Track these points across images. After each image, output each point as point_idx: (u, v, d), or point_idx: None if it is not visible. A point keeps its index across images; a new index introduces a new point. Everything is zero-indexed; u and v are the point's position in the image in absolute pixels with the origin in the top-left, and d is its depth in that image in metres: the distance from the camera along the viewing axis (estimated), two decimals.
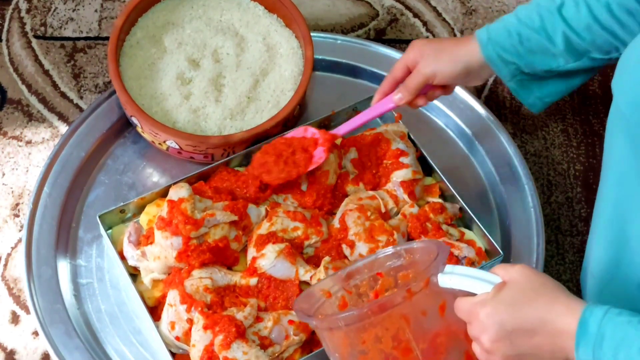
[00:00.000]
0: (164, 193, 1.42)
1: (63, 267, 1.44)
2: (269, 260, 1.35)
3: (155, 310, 1.36)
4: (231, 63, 1.55)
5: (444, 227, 1.42)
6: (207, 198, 1.39)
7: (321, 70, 1.64)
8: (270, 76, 1.55)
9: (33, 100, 1.66)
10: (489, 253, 1.42)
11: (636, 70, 1.05)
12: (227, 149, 1.48)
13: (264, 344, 1.29)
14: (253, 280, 1.35)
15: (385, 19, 1.78)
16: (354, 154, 1.47)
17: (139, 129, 1.51)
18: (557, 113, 1.69)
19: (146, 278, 1.38)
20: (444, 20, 1.78)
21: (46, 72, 1.69)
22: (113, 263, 1.44)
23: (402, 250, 1.22)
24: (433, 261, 1.11)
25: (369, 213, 1.40)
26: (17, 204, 1.55)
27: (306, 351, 1.33)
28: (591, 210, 1.58)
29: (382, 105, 1.42)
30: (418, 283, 1.10)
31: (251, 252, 1.38)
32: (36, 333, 1.44)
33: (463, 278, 1.09)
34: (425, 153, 1.49)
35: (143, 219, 1.42)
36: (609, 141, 1.17)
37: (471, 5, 1.80)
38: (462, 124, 1.59)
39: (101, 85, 1.68)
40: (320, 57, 1.62)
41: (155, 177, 1.53)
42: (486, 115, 1.58)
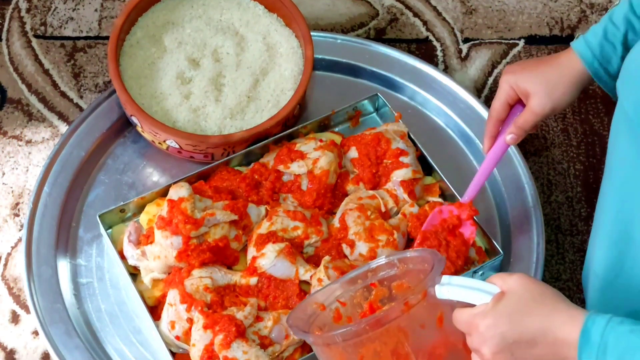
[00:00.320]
0: (164, 192, 1.42)
1: (63, 267, 1.44)
2: (269, 259, 1.35)
3: (155, 309, 1.36)
4: (231, 62, 1.55)
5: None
6: (207, 197, 1.39)
7: (321, 69, 1.64)
8: (270, 75, 1.55)
9: (33, 99, 1.66)
10: (489, 252, 1.42)
11: None
12: (227, 149, 1.48)
13: (264, 344, 1.29)
14: (253, 279, 1.35)
15: (385, 19, 1.78)
16: (354, 154, 1.47)
17: (139, 129, 1.51)
18: (557, 112, 1.69)
19: (146, 277, 1.38)
20: (444, 19, 1.78)
21: (46, 72, 1.69)
22: (113, 262, 1.44)
23: (396, 259, 1.20)
24: (429, 272, 1.09)
25: (369, 212, 1.40)
26: (17, 204, 1.55)
27: (306, 350, 1.33)
28: (591, 209, 1.58)
29: (497, 150, 1.35)
30: (416, 296, 1.08)
31: (251, 252, 1.38)
32: (36, 332, 1.44)
33: (461, 289, 1.08)
34: (425, 152, 1.49)
35: (143, 219, 1.42)
36: (613, 142, 1.16)
37: (471, 4, 1.80)
38: (462, 124, 1.59)
39: (101, 84, 1.68)
40: (320, 57, 1.62)
41: (155, 177, 1.53)
42: (486, 114, 1.58)
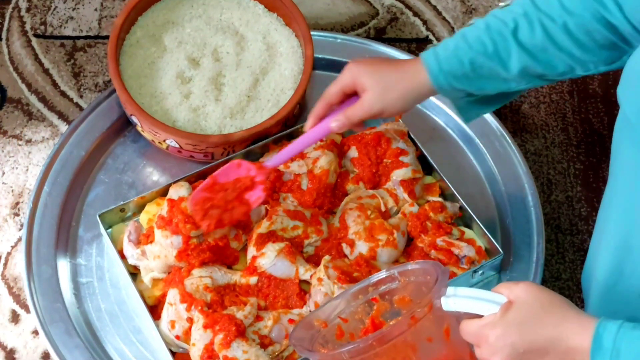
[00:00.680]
0: (164, 192, 1.42)
1: (63, 266, 1.44)
2: (269, 259, 1.35)
3: (155, 309, 1.36)
4: (231, 62, 1.55)
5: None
6: None
7: (321, 69, 1.64)
8: (270, 75, 1.55)
9: (33, 99, 1.66)
10: (489, 252, 1.42)
11: None
12: (227, 148, 1.48)
13: (264, 343, 1.29)
14: (253, 279, 1.35)
15: (385, 18, 1.78)
16: (354, 153, 1.47)
17: (139, 128, 1.51)
18: (557, 112, 1.69)
19: (146, 277, 1.38)
20: (444, 19, 1.78)
21: (46, 71, 1.69)
22: (113, 262, 1.44)
23: (396, 272, 1.19)
24: (435, 285, 1.08)
25: (369, 212, 1.40)
26: (17, 203, 1.55)
27: None
28: (591, 209, 1.58)
29: (318, 130, 1.32)
30: (422, 309, 1.07)
31: (251, 251, 1.38)
32: (36, 332, 1.44)
33: (467, 300, 1.07)
34: (425, 152, 1.49)
35: (143, 218, 1.42)
36: (616, 148, 1.16)
37: (471, 4, 1.80)
38: (462, 123, 1.58)
39: (101, 84, 1.68)
40: (320, 56, 1.62)
41: (155, 176, 1.53)
42: (486, 114, 1.58)
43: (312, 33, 1.57)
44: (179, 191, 1.37)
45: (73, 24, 1.74)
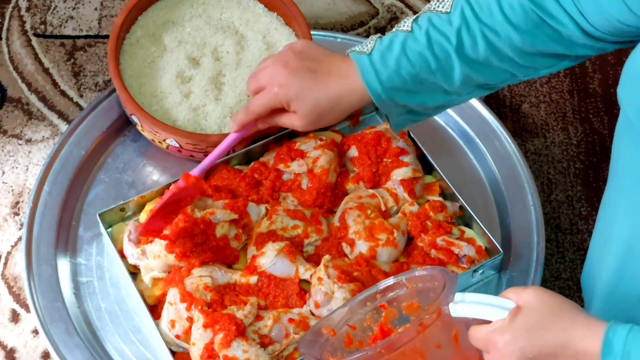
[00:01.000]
0: (164, 191, 1.42)
1: (63, 266, 1.44)
2: (269, 258, 1.35)
3: (155, 308, 1.36)
4: (231, 61, 1.55)
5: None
6: (207, 196, 1.39)
7: None
8: None
9: (33, 98, 1.66)
10: (489, 251, 1.42)
11: None
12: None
13: (264, 343, 1.29)
14: (253, 278, 1.35)
15: (385, 17, 1.78)
16: (354, 152, 1.47)
17: (139, 128, 1.51)
18: (557, 111, 1.69)
19: (146, 276, 1.38)
20: None
21: (46, 71, 1.69)
22: (113, 261, 1.44)
23: (404, 279, 1.19)
24: (442, 291, 1.08)
25: (369, 211, 1.40)
26: (17, 203, 1.55)
27: None
28: (591, 208, 1.58)
29: (244, 133, 1.38)
30: (430, 316, 1.07)
31: (251, 251, 1.38)
32: (36, 331, 1.44)
33: (476, 305, 1.06)
34: (425, 151, 1.49)
35: (143, 218, 1.42)
36: (617, 149, 1.16)
37: None
38: (462, 123, 1.58)
39: (101, 83, 1.68)
40: None
41: (155, 176, 1.53)
42: (486, 113, 1.58)
43: (312, 32, 1.57)
44: None
45: (73, 24, 1.74)
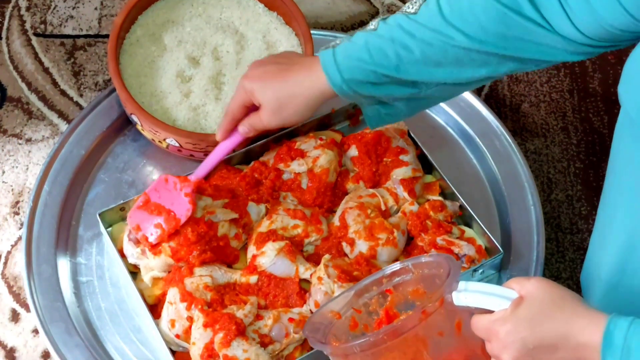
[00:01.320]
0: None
1: (63, 265, 1.44)
2: (269, 258, 1.35)
3: (155, 308, 1.36)
4: (231, 61, 1.55)
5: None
6: (207, 196, 1.39)
7: None
8: None
9: (33, 98, 1.66)
10: (489, 251, 1.42)
11: None
12: None
13: (264, 342, 1.29)
14: (253, 278, 1.35)
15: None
16: (354, 152, 1.47)
17: (139, 127, 1.51)
18: (557, 111, 1.69)
19: (146, 276, 1.38)
20: None
21: (46, 70, 1.69)
22: (113, 261, 1.44)
23: (410, 264, 1.19)
24: (446, 279, 1.09)
25: (369, 211, 1.40)
26: (17, 202, 1.55)
27: (306, 349, 1.33)
28: (591, 208, 1.59)
29: (231, 140, 1.40)
30: (433, 303, 1.07)
31: (251, 250, 1.38)
32: (36, 331, 1.44)
33: (479, 295, 1.07)
34: (425, 151, 1.49)
35: None
36: (617, 146, 1.16)
37: None
38: (462, 122, 1.58)
39: (101, 83, 1.68)
40: None
41: (155, 175, 1.53)
42: (486, 113, 1.58)
43: (312, 32, 1.57)
44: None
45: (73, 23, 1.74)
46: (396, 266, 1.20)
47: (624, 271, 1.15)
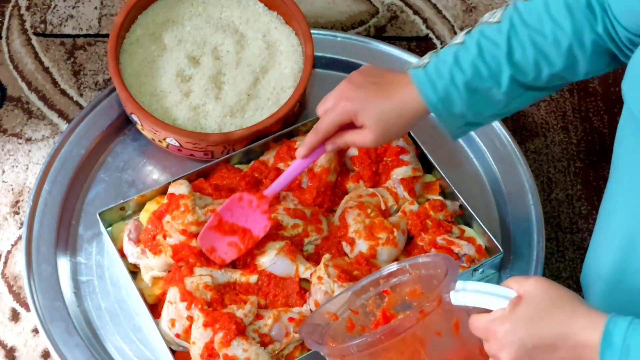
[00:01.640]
0: (164, 190, 1.42)
1: (63, 265, 1.44)
2: (269, 257, 1.35)
3: (155, 307, 1.36)
4: (231, 60, 1.55)
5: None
6: (207, 195, 1.39)
7: (321, 67, 1.64)
8: (270, 73, 1.55)
9: (33, 97, 1.66)
10: (489, 250, 1.42)
11: None
12: (227, 147, 1.48)
13: (264, 342, 1.29)
14: (253, 277, 1.35)
15: (385, 16, 1.78)
16: (354, 151, 1.47)
17: (139, 127, 1.51)
18: (557, 110, 1.69)
19: (146, 275, 1.38)
20: (444, 17, 1.78)
21: (46, 70, 1.69)
22: (113, 260, 1.44)
23: (407, 265, 1.19)
24: (444, 279, 1.08)
25: (369, 210, 1.40)
26: (17, 202, 1.55)
27: (306, 349, 1.33)
28: (591, 207, 1.58)
29: (312, 157, 1.34)
30: (431, 303, 1.07)
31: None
32: (36, 330, 1.44)
33: (476, 294, 1.06)
34: (425, 150, 1.49)
35: (143, 217, 1.42)
36: (619, 144, 1.15)
37: (471, 2, 1.80)
38: None
39: (101, 82, 1.68)
40: (320, 55, 1.62)
41: (155, 175, 1.53)
42: None
43: (312, 31, 1.57)
44: (179, 189, 1.37)
45: (73, 22, 1.74)
46: (393, 267, 1.20)
47: (625, 270, 1.15)
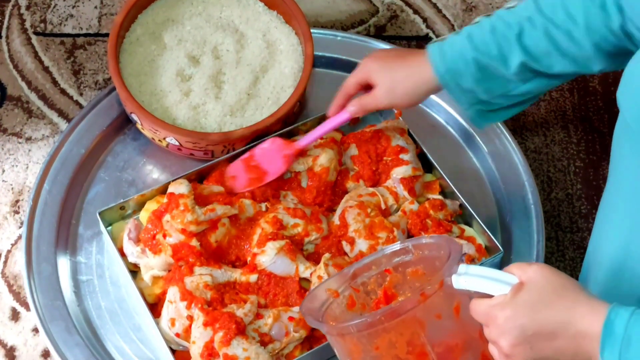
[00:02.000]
0: (164, 190, 1.42)
1: (63, 264, 1.44)
2: (269, 257, 1.35)
3: (155, 307, 1.36)
4: (231, 60, 1.55)
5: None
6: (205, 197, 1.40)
7: (321, 66, 1.64)
8: (270, 73, 1.55)
9: (33, 97, 1.66)
10: (489, 250, 1.42)
11: None
12: (227, 146, 1.48)
13: (264, 341, 1.29)
14: (253, 277, 1.35)
15: (385, 16, 1.78)
16: (354, 151, 1.47)
17: (139, 126, 1.51)
18: (557, 110, 1.69)
19: (146, 275, 1.38)
20: (444, 16, 1.78)
21: (46, 69, 1.69)
22: (113, 260, 1.44)
23: (410, 245, 1.19)
24: (446, 261, 1.08)
25: (369, 210, 1.40)
26: (17, 201, 1.55)
27: (306, 348, 1.33)
28: (591, 207, 1.58)
29: (339, 116, 1.42)
30: (432, 286, 1.06)
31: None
32: (36, 330, 1.44)
33: (479, 279, 1.06)
34: (425, 150, 1.49)
35: (143, 216, 1.42)
36: (616, 151, 1.16)
37: (471, 1, 1.80)
38: (462, 121, 1.58)
39: (101, 82, 1.68)
40: (320, 54, 1.62)
41: (155, 174, 1.53)
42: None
43: (312, 31, 1.57)
44: (179, 188, 1.37)
45: (73, 22, 1.74)
46: (396, 246, 1.20)
47: (623, 270, 1.15)
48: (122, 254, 1.39)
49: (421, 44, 1.74)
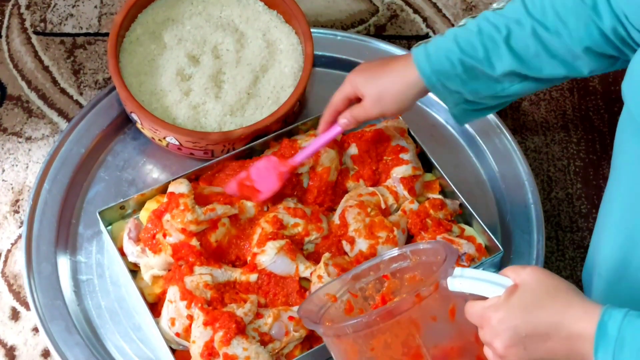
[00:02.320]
0: (164, 189, 1.42)
1: (63, 264, 1.44)
2: (269, 256, 1.35)
3: (155, 306, 1.36)
4: (231, 59, 1.55)
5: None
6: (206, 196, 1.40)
7: (321, 66, 1.64)
8: (270, 72, 1.55)
9: (33, 96, 1.66)
10: (489, 249, 1.42)
11: None
12: (227, 145, 1.48)
13: (264, 340, 1.29)
14: (253, 276, 1.35)
15: (385, 15, 1.78)
16: (354, 150, 1.47)
17: (139, 125, 1.51)
18: (557, 109, 1.69)
19: (146, 274, 1.38)
20: (444, 16, 1.78)
21: (46, 68, 1.69)
22: (113, 259, 1.44)
23: (408, 251, 1.20)
24: (442, 264, 1.09)
25: (369, 209, 1.40)
26: (17, 200, 1.55)
27: (306, 347, 1.33)
28: (591, 206, 1.58)
29: (331, 131, 1.40)
30: (428, 288, 1.07)
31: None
32: (36, 329, 1.44)
33: (473, 281, 1.07)
34: (425, 149, 1.49)
35: (143, 215, 1.42)
36: (619, 143, 1.16)
37: (471, 1, 1.80)
38: None
39: (101, 81, 1.68)
40: (320, 53, 1.62)
41: (155, 174, 1.53)
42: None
43: (312, 30, 1.57)
44: (179, 188, 1.37)
45: (73, 21, 1.74)
46: (394, 252, 1.21)
47: (625, 268, 1.15)
48: (122, 254, 1.39)
49: None
